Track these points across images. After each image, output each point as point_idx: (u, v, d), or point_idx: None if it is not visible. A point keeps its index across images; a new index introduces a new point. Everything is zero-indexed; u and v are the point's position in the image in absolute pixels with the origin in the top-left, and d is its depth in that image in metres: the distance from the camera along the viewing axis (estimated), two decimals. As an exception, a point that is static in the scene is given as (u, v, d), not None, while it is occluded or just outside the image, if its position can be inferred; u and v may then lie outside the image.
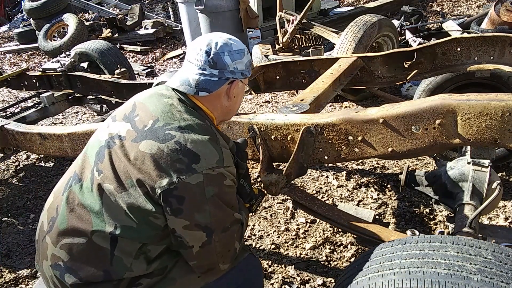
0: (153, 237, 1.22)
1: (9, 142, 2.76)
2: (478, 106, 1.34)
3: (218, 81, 1.32)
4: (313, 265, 2.24)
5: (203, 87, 1.30)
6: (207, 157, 1.19)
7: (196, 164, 1.17)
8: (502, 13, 4.42)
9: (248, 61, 1.39)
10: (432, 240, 1.19)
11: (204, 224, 1.19)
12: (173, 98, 1.32)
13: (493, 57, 2.31)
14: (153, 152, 1.18)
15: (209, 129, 1.28)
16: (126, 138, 1.26)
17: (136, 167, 1.20)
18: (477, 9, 6.90)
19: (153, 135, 1.22)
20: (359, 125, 1.53)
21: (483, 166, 1.65)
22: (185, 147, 1.18)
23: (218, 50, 1.31)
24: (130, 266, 1.20)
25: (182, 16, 6.85)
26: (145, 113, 1.29)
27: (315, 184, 2.96)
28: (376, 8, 6.95)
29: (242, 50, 1.36)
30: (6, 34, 10.64)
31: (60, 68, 3.79)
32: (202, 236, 1.20)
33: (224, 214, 1.23)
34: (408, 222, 2.47)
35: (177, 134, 1.20)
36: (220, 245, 1.23)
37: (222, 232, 1.23)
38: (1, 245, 2.77)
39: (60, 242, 1.24)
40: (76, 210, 1.25)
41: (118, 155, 1.24)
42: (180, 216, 1.17)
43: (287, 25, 4.88)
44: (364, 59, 2.57)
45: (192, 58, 1.34)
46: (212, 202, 1.19)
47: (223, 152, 1.24)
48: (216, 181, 1.20)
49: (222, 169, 1.21)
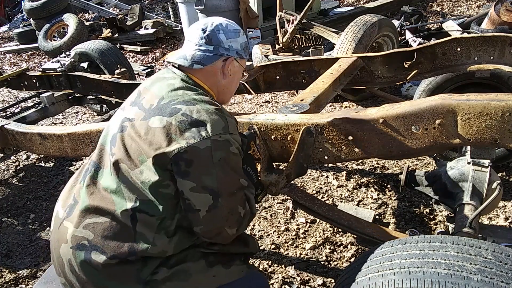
0: (169, 209, 1.27)
1: (9, 142, 2.76)
2: (478, 106, 1.34)
3: (213, 56, 1.40)
4: (313, 265, 2.24)
5: (197, 60, 1.39)
6: (213, 125, 1.25)
7: (203, 131, 1.23)
8: (502, 13, 4.42)
9: (244, 43, 1.47)
10: (432, 240, 1.19)
11: (210, 187, 1.23)
12: (175, 78, 1.41)
13: (493, 57, 2.31)
14: (162, 125, 1.26)
15: (212, 101, 1.35)
16: (135, 119, 1.34)
17: (147, 142, 1.26)
18: (477, 9, 6.90)
19: (161, 111, 1.29)
20: (359, 125, 1.53)
21: (483, 166, 1.65)
22: (191, 117, 1.25)
23: (214, 28, 1.41)
24: (153, 240, 1.24)
25: (182, 16, 6.85)
26: (151, 95, 1.38)
27: (315, 184, 2.96)
28: (376, 8, 6.96)
29: (238, 30, 1.46)
30: (6, 34, 10.64)
31: (60, 68, 3.79)
32: (209, 199, 1.23)
33: (230, 179, 1.28)
34: (408, 222, 2.48)
35: (183, 107, 1.28)
36: (226, 209, 1.27)
37: (229, 196, 1.27)
38: (1, 245, 2.77)
39: (83, 223, 1.28)
40: (97, 193, 1.31)
41: (130, 135, 1.32)
42: (187, 178, 1.22)
43: (287, 25, 4.88)
44: (364, 59, 2.57)
45: (190, 37, 1.44)
46: (219, 167, 1.24)
47: (228, 120, 1.30)
48: (223, 147, 1.25)
49: (228, 136, 1.26)
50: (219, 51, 1.41)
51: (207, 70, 1.43)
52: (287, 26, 4.88)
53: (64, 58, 3.92)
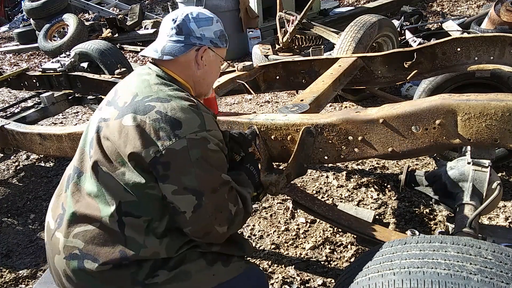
0: (156, 210, 1.25)
1: (9, 142, 2.76)
2: (478, 106, 1.34)
3: (184, 46, 1.36)
4: (313, 265, 2.24)
5: (168, 51, 1.35)
6: (188, 123, 1.21)
7: (178, 130, 1.20)
8: (502, 13, 4.43)
9: (220, 31, 1.41)
10: (432, 240, 1.19)
11: (192, 187, 1.20)
12: (150, 74, 1.36)
13: (493, 57, 2.31)
14: (136, 124, 1.22)
15: (187, 97, 1.31)
16: (110, 118, 1.30)
17: (122, 142, 1.23)
18: (477, 9, 6.90)
19: (134, 109, 1.25)
20: (359, 125, 1.53)
21: (483, 166, 1.65)
22: (166, 115, 1.21)
23: (184, 17, 1.37)
24: (144, 242, 1.23)
25: (182, 16, 6.84)
26: (125, 92, 1.34)
27: (315, 184, 2.96)
28: (376, 8, 6.96)
29: (210, 18, 1.40)
30: (6, 34, 10.64)
31: (60, 68, 3.79)
32: (192, 200, 1.21)
33: (211, 175, 1.24)
34: (408, 222, 2.47)
35: (157, 104, 1.23)
36: (211, 207, 1.24)
37: (212, 193, 1.24)
38: (1, 245, 2.77)
39: (72, 233, 1.27)
40: (82, 200, 1.29)
41: (105, 136, 1.28)
42: (168, 182, 1.20)
43: (287, 25, 4.88)
44: (364, 59, 2.57)
45: (162, 28, 1.41)
46: (197, 165, 1.20)
47: (205, 116, 1.26)
48: (200, 145, 1.21)
49: (204, 133, 1.23)
50: (190, 41, 1.36)
51: (181, 62, 1.38)
52: (287, 26, 4.89)
53: (64, 58, 3.92)
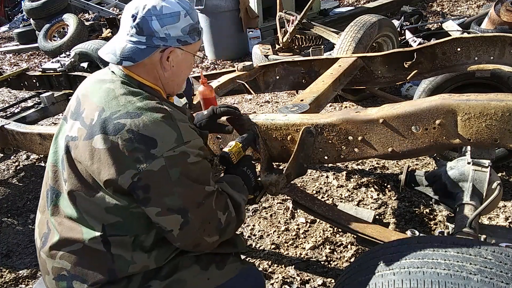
0: (142, 226, 1.20)
1: (9, 142, 2.76)
2: (478, 106, 1.34)
3: (146, 50, 1.20)
4: (313, 265, 2.24)
5: (128, 55, 1.19)
6: (164, 139, 1.12)
7: (154, 149, 1.10)
8: (502, 13, 4.42)
9: (189, 25, 1.23)
10: (432, 240, 1.19)
11: (176, 207, 1.14)
12: (114, 81, 1.23)
13: (493, 57, 2.31)
14: (107, 146, 1.12)
15: (159, 106, 1.18)
16: (78, 138, 1.19)
17: (96, 168, 1.14)
18: (477, 9, 6.90)
19: (103, 128, 1.13)
20: (359, 125, 1.53)
21: (483, 166, 1.65)
22: (138, 133, 1.10)
23: (145, 14, 1.18)
24: (132, 258, 1.19)
25: (182, 16, 6.84)
26: (90, 106, 1.21)
27: (315, 184, 2.96)
28: (376, 8, 6.96)
29: (176, 13, 1.20)
30: (6, 34, 10.64)
31: (60, 68, 3.79)
32: (178, 219, 1.15)
33: (194, 191, 1.17)
34: (408, 222, 2.47)
35: (127, 122, 1.12)
36: (198, 221, 1.18)
37: (197, 208, 1.18)
38: (1, 245, 2.77)
39: (58, 254, 1.23)
40: (64, 223, 1.24)
41: (76, 159, 1.19)
42: (150, 205, 1.13)
43: (287, 25, 4.88)
44: (364, 59, 2.57)
45: (122, 23, 1.24)
46: (179, 184, 1.13)
47: (180, 127, 1.16)
48: (179, 161, 1.13)
49: (183, 147, 1.13)
50: (153, 42, 1.19)
51: (145, 64, 1.23)
52: (287, 26, 4.89)
53: (64, 58, 3.92)
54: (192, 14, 1.25)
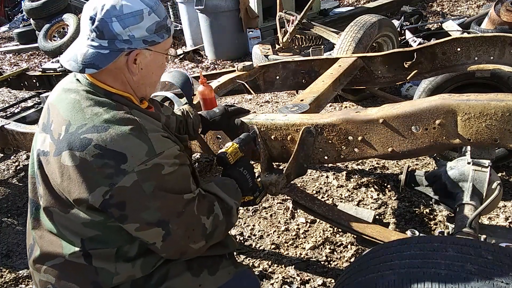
0: (124, 237, 1.15)
1: (9, 142, 2.76)
2: (478, 106, 1.34)
3: (109, 54, 1.10)
4: (313, 265, 2.24)
5: (90, 62, 1.09)
6: (134, 153, 1.05)
7: (124, 164, 1.04)
8: (502, 13, 4.42)
9: (155, 23, 1.12)
10: (432, 240, 1.19)
11: (155, 220, 1.09)
12: (79, 91, 1.15)
13: (493, 57, 2.31)
14: (75, 163, 1.05)
15: (128, 117, 1.11)
16: (49, 153, 1.13)
17: (66, 186, 1.09)
18: (477, 9, 6.90)
19: (70, 144, 1.07)
20: (359, 125, 1.53)
21: (483, 166, 1.66)
22: (106, 149, 1.04)
23: (104, 15, 1.07)
24: (115, 270, 1.16)
25: (182, 16, 6.85)
26: (57, 118, 1.14)
27: (315, 184, 2.96)
28: (376, 8, 6.96)
29: (138, 12, 1.09)
30: (6, 34, 10.64)
31: (60, 68, 3.80)
32: (159, 231, 1.11)
33: (171, 202, 1.12)
34: (408, 222, 2.47)
35: (94, 136, 1.05)
36: (181, 230, 1.14)
37: (178, 217, 1.13)
38: (1, 245, 2.77)
39: (43, 268, 1.21)
40: (45, 236, 1.21)
41: (49, 174, 1.15)
42: (127, 222, 1.08)
43: (287, 25, 4.88)
44: (364, 59, 2.57)
45: (81, 26, 1.13)
46: (154, 197, 1.07)
47: (152, 138, 1.09)
48: (153, 174, 1.07)
49: (155, 159, 1.07)
50: (117, 46, 1.09)
51: (111, 69, 1.13)
52: (287, 26, 4.89)
53: (64, 58, 3.92)
54: (158, 10, 1.13)
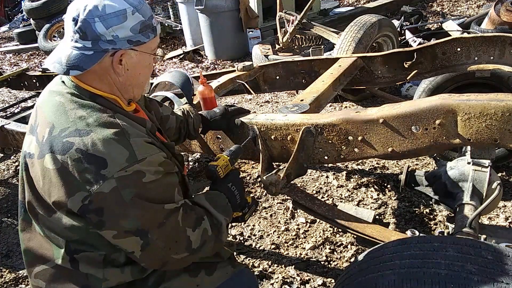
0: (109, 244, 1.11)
1: (9, 142, 2.76)
2: (478, 106, 1.34)
3: (93, 55, 1.08)
4: (313, 265, 2.24)
5: (74, 64, 1.08)
6: (114, 158, 1.03)
7: (104, 169, 1.02)
8: (502, 13, 4.42)
9: (139, 23, 1.10)
10: (432, 240, 1.19)
11: (133, 229, 1.06)
12: (63, 94, 1.13)
13: (493, 57, 2.31)
14: (57, 167, 1.04)
15: (111, 121, 1.09)
16: (34, 155, 1.12)
17: (47, 189, 1.08)
18: (477, 9, 6.90)
19: (52, 147, 1.06)
20: (359, 125, 1.53)
21: (483, 166, 1.66)
22: (87, 153, 1.02)
23: (86, 16, 1.06)
24: (103, 276, 1.14)
25: (182, 16, 6.85)
26: (43, 121, 1.13)
27: (315, 184, 2.96)
28: (376, 8, 6.97)
29: (121, 11, 1.08)
30: (6, 34, 10.64)
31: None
32: (137, 240, 1.07)
33: (151, 212, 1.08)
34: (408, 222, 2.47)
35: (75, 140, 1.04)
36: (161, 241, 1.10)
37: (158, 228, 1.09)
38: (1, 245, 2.77)
39: (33, 272, 1.20)
40: (34, 239, 1.20)
41: (33, 176, 1.13)
42: (105, 228, 1.05)
43: (287, 25, 4.88)
44: (364, 59, 2.57)
45: (65, 28, 1.12)
46: (133, 205, 1.04)
47: (133, 144, 1.06)
48: (133, 181, 1.04)
49: (136, 166, 1.04)
50: (100, 47, 1.08)
51: (96, 71, 1.12)
52: (287, 26, 4.89)
53: (64, 58, 3.91)
54: (142, 9, 1.12)
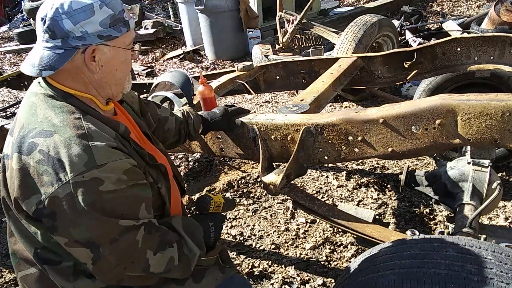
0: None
1: (9, 142, 2.76)
2: (478, 106, 1.34)
3: (64, 53, 1.06)
4: (313, 265, 2.24)
5: (46, 64, 1.06)
6: (72, 162, 0.98)
7: (62, 172, 0.98)
8: (502, 13, 4.42)
9: (108, 17, 1.08)
10: (432, 240, 1.19)
11: (83, 240, 1.01)
12: (37, 95, 1.12)
13: (493, 57, 2.31)
14: (19, 166, 1.02)
15: (75, 123, 1.05)
16: (9, 156, 1.09)
17: (11, 189, 1.06)
18: (477, 9, 6.90)
19: (19, 147, 1.04)
20: (359, 125, 1.53)
21: (483, 166, 1.66)
22: (48, 155, 1.00)
23: (53, 14, 1.05)
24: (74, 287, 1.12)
25: (182, 16, 6.85)
26: (18, 122, 1.12)
27: (315, 184, 2.96)
28: (376, 8, 6.97)
29: (88, 6, 1.05)
30: (6, 34, 10.64)
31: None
32: (87, 253, 1.02)
33: (106, 225, 1.02)
34: (408, 222, 2.48)
35: (40, 141, 1.02)
36: (114, 258, 1.05)
37: (110, 244, 1.03)
38: (1, 245, 2.77)
39: (18, 276, 1.19)
40: (17, 243, 1.19)
41: (8, 178, 1.10)
42: (57, 234, 1.02)
43: (287, 25, 4.88)
44: (364, 59, 2.57)
45: (37, 30, 1.12)
46: (86, 215, 0.99)
47: (94, 149, 1.01)
48: (89, 188, 0.98)
49: (94, 172, 0.99)
50: (70, 44, 1.05)
51: (68, 70, 1.09)
52: (287, 26, 4.89)
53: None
54: (111, 3, 1.09)
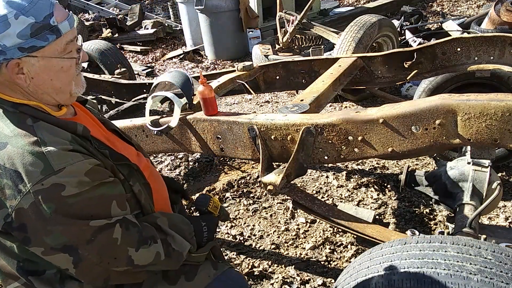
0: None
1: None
2: (478, 106, 1.34)
3: None
4: (313, 265, 2.24)
5: None
6: (28, 171, 0.96)
7: (21, 183, 0.96)
8: (502, 13, 4.42)
9: (29, 27, 0.98)
10: (432, 240, 1.19)
11: (59, 245, 1.00)
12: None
13: (493, 57, 2.31)
14: None
15: (25, 132, 1.02)
16: None
17: None
18: (477, 9, 6.90)
19: None
20: (359, 125, 1.53)
21: (483, 166, 1.66)
22: (5, 168, 0.98)
23: None
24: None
25: (182, 16, 6.85)
26: None
27: (315, 184, 2.96)
28: (376, 8, 6.97)
29: (2, 18, 0.96)
30: (6, 34, 10.63)
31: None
32: (67, 258, 1.02)
33: (77, 228, 1.01)
34: (408, 222, 2.47)
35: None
36: (95, 257, 1.04)
37: (87, 244, 1.02)
38: None
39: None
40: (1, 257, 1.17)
41: None
42: (32, 245, 1.00)
43: (287, 25, 4.88)
44: (364, 59, 2.57)
45: None
46: (55, 221, 0.98)
47: (48, 155, 0.98)
48: (51, 195, 0.97)
49: (53, 178, 0.97)
50: None
51: (3, 82, 1.05)
52: (287, 26, 4.89)
53: (64, 58, 3.91)
54: (31, 11, 0.98)
